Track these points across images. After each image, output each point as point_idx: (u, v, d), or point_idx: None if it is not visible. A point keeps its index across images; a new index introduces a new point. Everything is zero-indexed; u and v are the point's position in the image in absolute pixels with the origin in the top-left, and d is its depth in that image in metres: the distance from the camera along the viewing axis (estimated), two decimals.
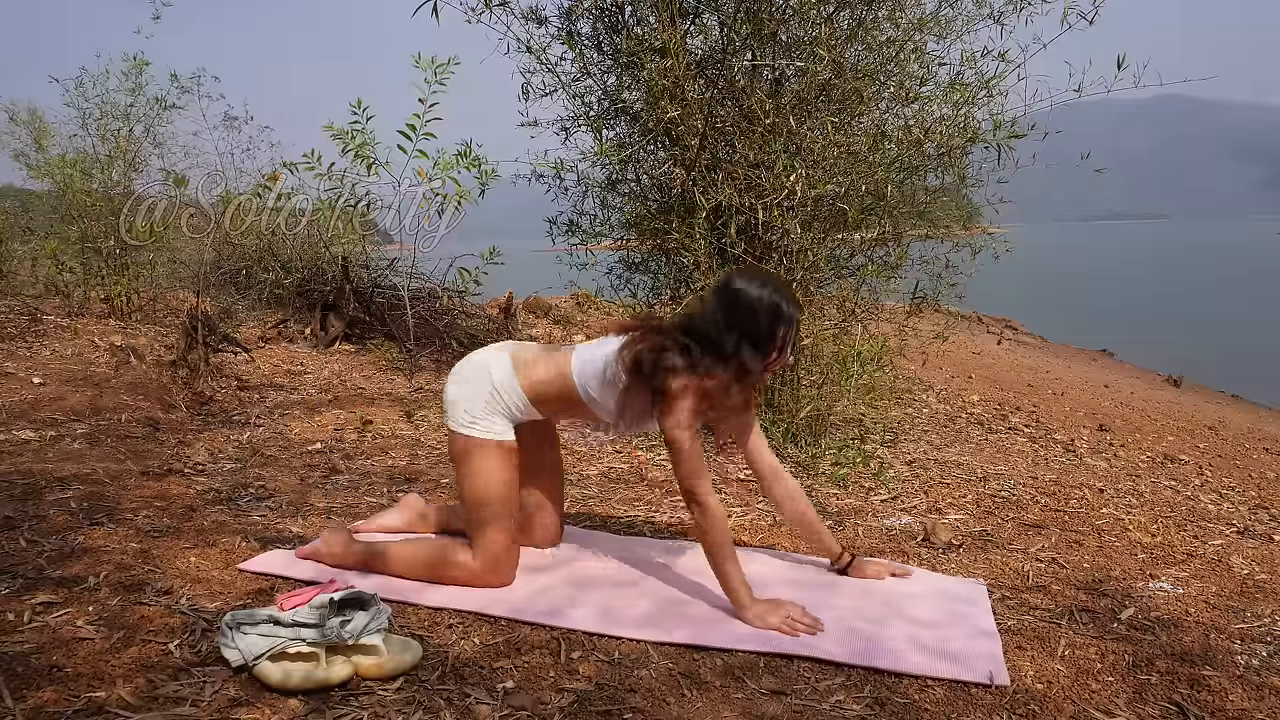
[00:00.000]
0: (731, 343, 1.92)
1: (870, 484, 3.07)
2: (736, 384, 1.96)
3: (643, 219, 3.93)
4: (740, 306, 1.93)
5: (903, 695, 1.63)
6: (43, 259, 6.22)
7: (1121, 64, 3.20)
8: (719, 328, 1.94)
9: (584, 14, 3.93)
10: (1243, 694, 1.67)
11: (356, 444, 3.48)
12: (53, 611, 1.73)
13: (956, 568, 2.32)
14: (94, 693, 1.45)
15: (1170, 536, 2.67)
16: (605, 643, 1.79)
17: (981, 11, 3.58)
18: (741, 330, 1.93)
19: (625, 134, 4.05)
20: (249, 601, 1.87)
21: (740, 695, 1.60)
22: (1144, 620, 1.99)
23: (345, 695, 1.52)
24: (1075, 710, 1.59)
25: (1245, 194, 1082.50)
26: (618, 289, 4.27)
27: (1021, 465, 3.62)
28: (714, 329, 1.94)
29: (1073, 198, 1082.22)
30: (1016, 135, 3.32)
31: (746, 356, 1.93)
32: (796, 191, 3.28)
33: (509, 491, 2.07)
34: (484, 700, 1.53)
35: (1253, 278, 26.94)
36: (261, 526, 2.39)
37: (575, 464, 3.28)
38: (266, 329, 6.23)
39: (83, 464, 2.78)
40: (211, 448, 3.25)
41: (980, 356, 9.40)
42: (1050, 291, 22.83)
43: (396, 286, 6.03)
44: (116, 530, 2.22)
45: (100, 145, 6.01)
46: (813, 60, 3.39)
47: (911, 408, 4.98)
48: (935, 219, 4.06)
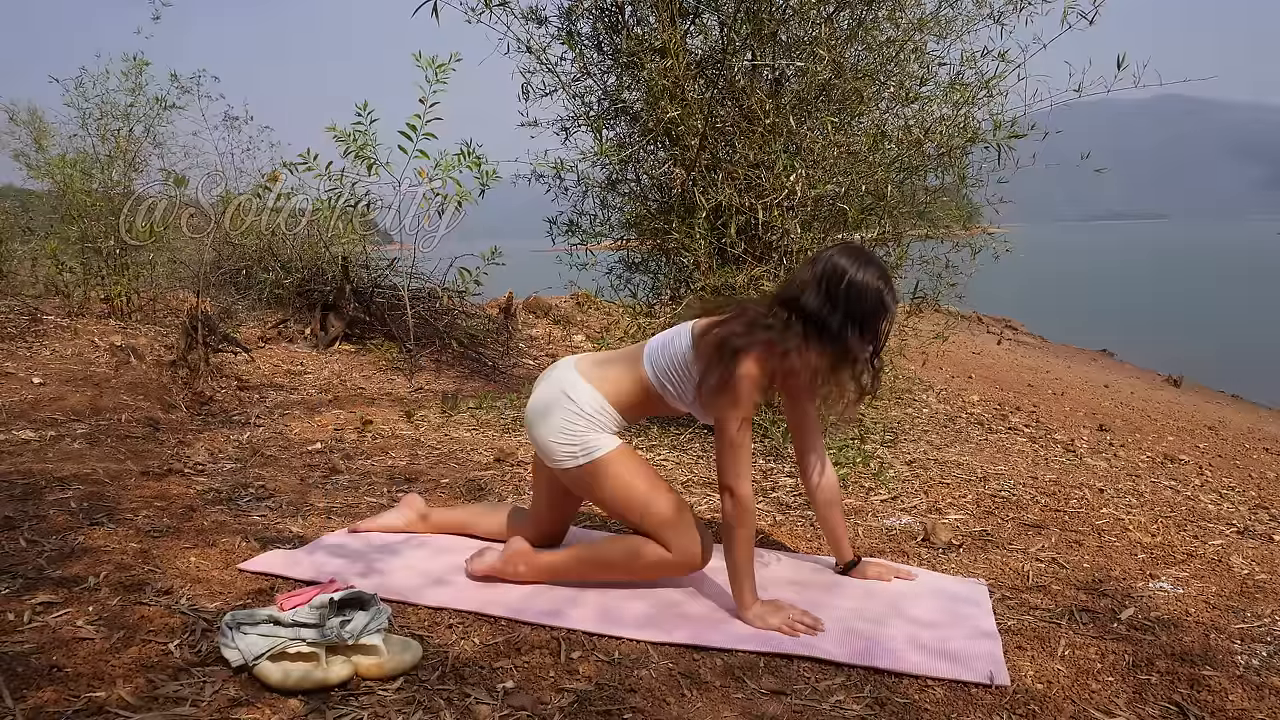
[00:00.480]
0: (838, 324, 1.87)
1: (870, 484, 3.07)
2: (835, 367, 1.91)
3: (643, 219, 3.94)
4: (853, 288, 1.86)
5: (903, 695, 1.63)
6: (43, 259, 6.21)
7: (1121, 64, 3.20)
8: (827, 307, 1.87)
9: (584, 14, 3.93)
10: (1243, 694, 1.67)
11: (356, 444, 3.48)
12: (53, 611, 1.73)
13: (956, 568, 2.32)
14: (94, 693, 1.45)
15: (1170, 536, 2.67)
16: (605, 643, 1.79)
17: (981, 11, 3.58)
18: (848, 313, 1.87)
19: (625, 134, 4.06)
20: (249, 601, 1.87)
21: (740, 695, 1.60)
22: (1144, 620, 1.99)
23: (345, 695, 1.52)
24: (1075, 710, 1.59)
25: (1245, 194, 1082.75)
26: (618, 289, 4.28)
27: (1021, 465, 3.62)
28: (822, 308, 1.87)
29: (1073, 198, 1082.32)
30: (1016, 135, 3.32)
31: (854, 341, 1.89)
32: (796, 191, 3.28)
33: (653, 484, 2.00)
34: (484, 700, 1.53)
35: (1253, 278, 26.95)
36: (261, 526, 2.39)
37: None
38: (266, 329, 6.23)
39: (83, 464, 2.78)
40: (211, 448, 3.25)
41: (980, 356, 9.40)
42: (1050, 291, 22.83)
43: (396, 286, 6.03)
44: (116, 530, 2.22)
45: (100, 145, 6.01)
46: (813, 60, 3.39)
47: (911, 408, 4.98)
48: (935, 219, 4.06)
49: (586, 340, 7.18)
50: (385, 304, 6.01)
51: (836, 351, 1.90)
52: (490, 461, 3.29)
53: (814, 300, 1.88)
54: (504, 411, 4.16)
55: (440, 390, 4.75)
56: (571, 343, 7.11)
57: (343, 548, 2.25)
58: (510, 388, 4.84)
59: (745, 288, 3.38)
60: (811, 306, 1.88)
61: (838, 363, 1.91)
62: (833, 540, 2.22)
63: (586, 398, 2.02)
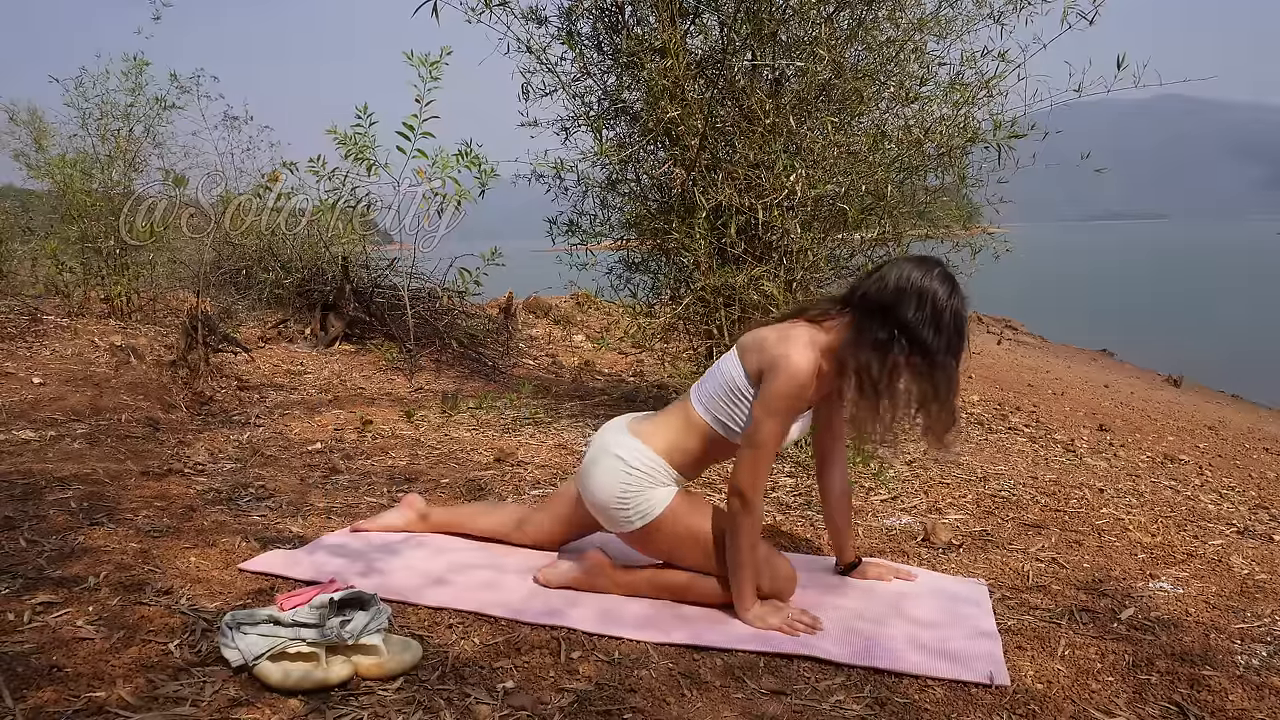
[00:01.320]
0: (940, 347, 1.81)
1: (870, 484, 3.07)
2: (928, 390, 1.84)
3: (643, 219, 3.93)
4: (955, 316, 1.80)
5: (903, 695, 1.63)
6: (43, 259, 6.21)
7: (1121, 64, 3.21)
8: (931, 330, 1.80)
9: (584, 14, 3.93)
10: (1243, 694, 1.67)
11: (356, 444, 3.48)
12: (53, 611, 1.73)
13: (956, 568, 2.32)
14: (94, 693, 1.45)
15: (1170, 536, 2.67)
16: (605, 643, 1.79)
17: (981, 11, 3.58)
18: (949, 339, 1.81)
19: (625, 134, 4.06)
20: (249, 601, 1.87)
21: (740, 695, 1.60)
22: (1144, 620, 1.99)
23: (345, 695, 1.52)
24: (1075, 710, 1.59)
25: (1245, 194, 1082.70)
26: (618, 289, 4.28)
27: (1021, 465, 3.62)
28: (922, 328, 1.80)
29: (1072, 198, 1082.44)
30: (1016, 135, 3.32)
31: (949, 365, 1.82)
32: (796, 191, 3.28)
33: (714, 525, 1.94)
34: (484, 700, 1.53)
35: (1253, 278, 26.94)
36: (261, 526, 2.39)
37: (575, 464, 3.28)
38: (266, 329, 6.23)
39: (83, 464, 2.78)
40: (211, 448, 3.25)
41: (980, 356, 9.39)
42: (1050, 291, 22.82)
43: (396, 286, 6.03)
44: (116, 530, 2.22)
45: (100, 145, 6.01)
46: (813, 60, 3.39)
47: None
48: (935, 219, 4.06)
49: (586, 340, 7.18)
50: (385, 304, 6.02)
51: (936, 375, 1.82)
52: (490, 461, 3.29)
53: (912, 316, 1.79)
54: (504, 411, 4.16)
55: (440, 390, 4.75)
56: (571, 343, 7.11)
57: (343, 548, 2.25)
58: (510, 388, 4.84)
59: (745, 288, 3.38)
60: (911, 324, 1.79)
61: (934, 385, 1.83)
62: (837, 541, 2.22)
63: (635, 453, 1.95)
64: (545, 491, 2.90)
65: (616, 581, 2.03)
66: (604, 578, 2.03)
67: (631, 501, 1.94)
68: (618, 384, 5.18)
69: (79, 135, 6.02)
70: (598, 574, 2.03)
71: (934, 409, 1.84)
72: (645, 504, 1.93)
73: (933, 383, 1.82)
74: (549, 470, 3.17)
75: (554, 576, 2.05)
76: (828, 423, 2.13)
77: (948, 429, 1.87)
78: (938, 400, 1.83)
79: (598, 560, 2.05)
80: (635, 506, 1.94)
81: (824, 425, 2.14)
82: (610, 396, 4.70)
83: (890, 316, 1.81)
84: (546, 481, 3.02)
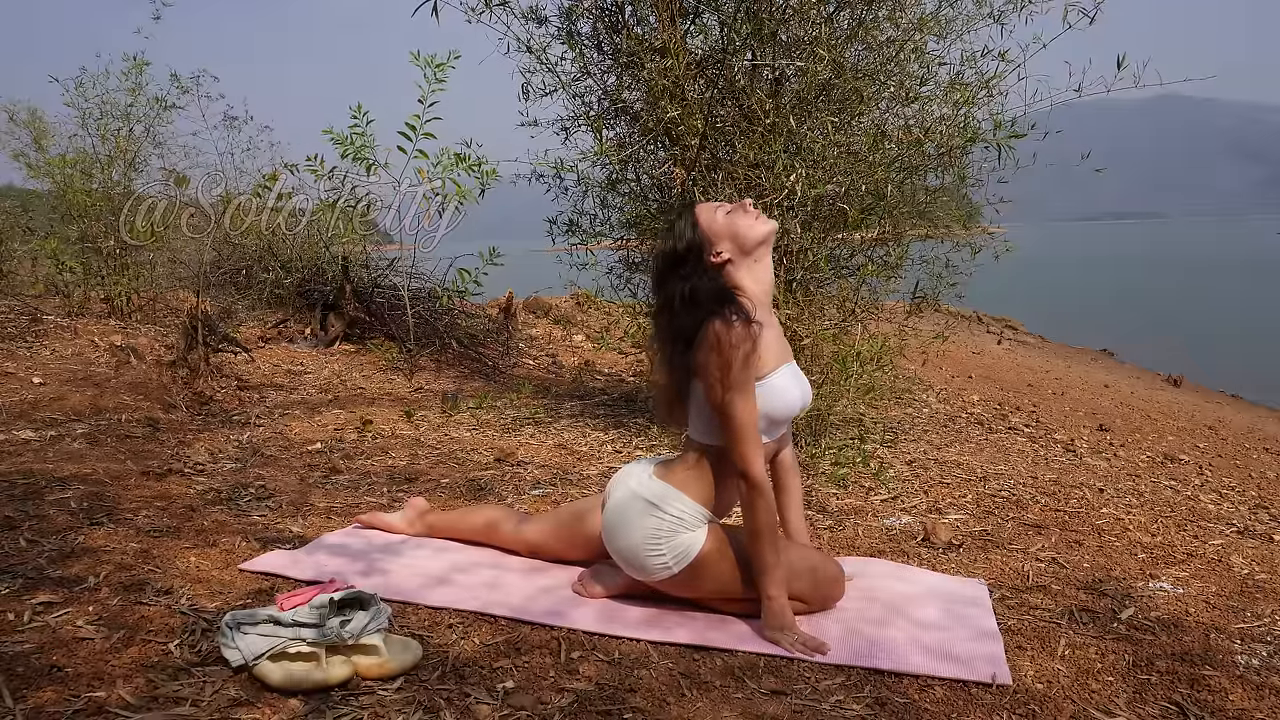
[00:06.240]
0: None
1: (870, 484, 3.07)
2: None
3: (643, 219, 3.94)
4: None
5: (903, 695, 1.63)
6: (43, 259, 6.22)
7: (1121, 64, 3.19)
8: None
9: (584, 14, 3.93)
10: (1243, 694, 1.67)
11: (356, 444, 3.48)
12: (53, 611, 1.73)
13: (956, 568, 2.32)
14: (94, 693, 1.45)
15: (1170, 536, 2.67)
16: (605, 643, 1.79)
17: (981, 11, 3.58)
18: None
19: (625, 134, 4.05)
20: (249, 601, 1.87)
21: (740, 695, 1.60)
22: (1144, 620, 1.99)
23: (345, 695, 1.52)
24: (1075, 710, 1.59)
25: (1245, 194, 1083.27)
26: (618, 289, 4.27)
27: (1021, 465, 3.62)
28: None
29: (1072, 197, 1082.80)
30: (1016, 135, 3.32)
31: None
32: (796, 191, 3.28)
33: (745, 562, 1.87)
34: (484, 700, 1.53)
35: (1253, 278, 26.94)
36: (261, 526, 2.39)
37: (575, 464, 3.28)
38: (266, 329, 6.23)
39: (83, 464, 2.78)
40: (211, 448, 3.25)
41: (980, 356, 9.40)
42: (1050, 291, 22.83)
43: (396, 286, 6.03)
44: (116, 530, 2.22)
45: (100, 145, 6.02)
46: (813, 60, 3.39)
47: (911, 408, 4.98)
48: (935, 219, 4.06)
49: (586, 340, 7.18)
50: (385, 304, 6.01)
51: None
52: (490, 461, 3.29)
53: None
54: (504, 411, 4.16)
55: (440, 390, 4.75)
56: (571, 343, 7.11)
57: (343, 548, 2.25)
58: (510, 388, 4.84)
59: None
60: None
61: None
62: (781, 515, 2.11)
63: (659, 493, 1.88)
64: (545, 491, 2.90)
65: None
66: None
67: (663, 547, 1.87)
68: (618, 384, 5.18)
69: (79, 135, 6.03)
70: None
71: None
72: (681, 545, 1.86)
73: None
74: (549, 470, 3.17)
75: (594, 588, 2.00)
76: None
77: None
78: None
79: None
80: (669, 552, 1.86)
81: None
82: (610, 396, 4.70)
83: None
84: (546, 482, 3.02)
